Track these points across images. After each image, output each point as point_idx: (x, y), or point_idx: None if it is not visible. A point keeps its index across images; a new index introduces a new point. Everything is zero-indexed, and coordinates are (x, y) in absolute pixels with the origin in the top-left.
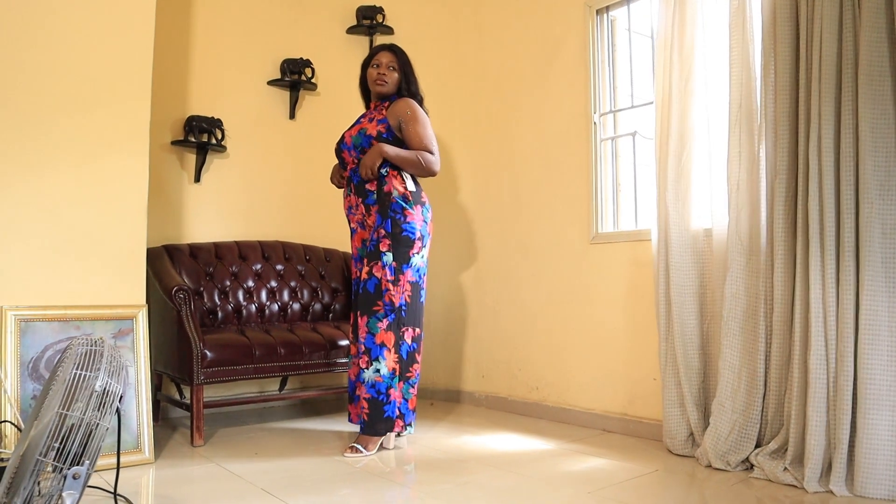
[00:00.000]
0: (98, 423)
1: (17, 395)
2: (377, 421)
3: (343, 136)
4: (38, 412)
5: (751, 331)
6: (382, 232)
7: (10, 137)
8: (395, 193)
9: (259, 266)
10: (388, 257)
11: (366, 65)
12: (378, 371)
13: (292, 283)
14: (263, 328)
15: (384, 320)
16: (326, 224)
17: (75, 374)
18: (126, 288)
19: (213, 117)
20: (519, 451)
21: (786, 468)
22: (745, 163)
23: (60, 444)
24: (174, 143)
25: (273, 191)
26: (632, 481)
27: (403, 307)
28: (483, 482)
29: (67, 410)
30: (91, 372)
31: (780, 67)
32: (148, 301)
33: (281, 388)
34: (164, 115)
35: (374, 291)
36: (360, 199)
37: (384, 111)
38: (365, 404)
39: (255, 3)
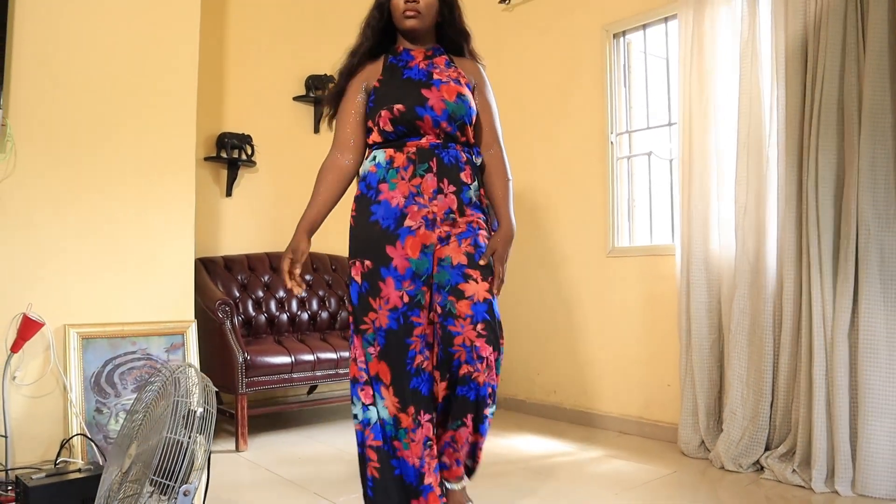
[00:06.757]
0: (198, 443)
1: (83, 408)
2: (479, 460)
3: (419, 96)
4: (134, 433)
5: (758, 344)
6: (480, 241)
7: (66, 161)
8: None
9: None
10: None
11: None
12: (493, 412)
13: (320, 293)
14: (298, 338)
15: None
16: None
17: (176, 401)
18: (176, 304)
19: (243, 133)
20: (544, 452)
21: (794, 470)
22: (752, 187)
23: (161, 463)
24: (207, 159)
25: (300, 203)
26: (652, 483)
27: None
28: (518, 483)
29: (175, 435)
30: (189, 398)
31: (790, 102)
32: None
33: (309, 393)
34: (199, 133)
35: (500, 317)
36: (453, 190)
37: (455, 67)
38: (479, 453)
39: (281, 23)
